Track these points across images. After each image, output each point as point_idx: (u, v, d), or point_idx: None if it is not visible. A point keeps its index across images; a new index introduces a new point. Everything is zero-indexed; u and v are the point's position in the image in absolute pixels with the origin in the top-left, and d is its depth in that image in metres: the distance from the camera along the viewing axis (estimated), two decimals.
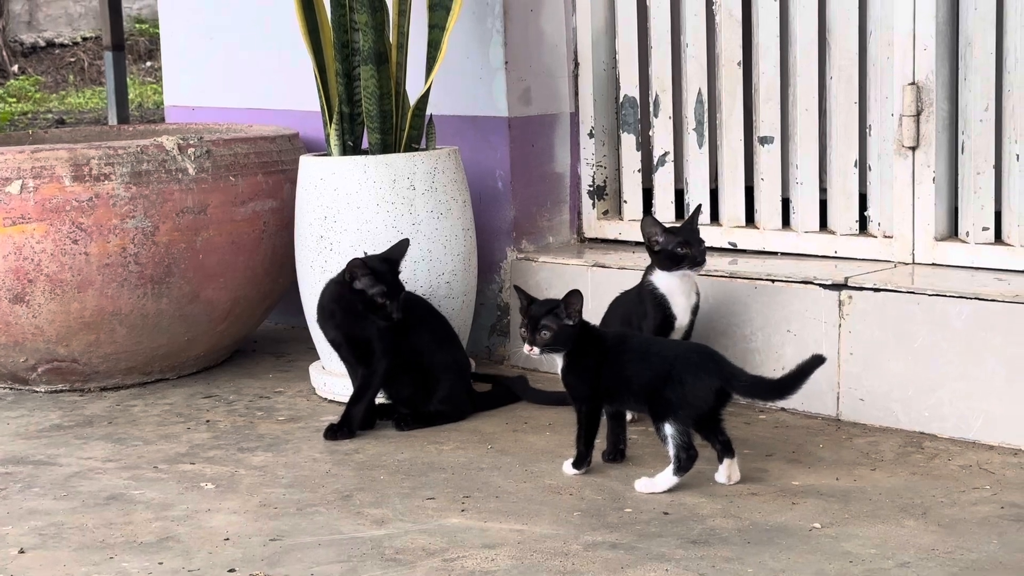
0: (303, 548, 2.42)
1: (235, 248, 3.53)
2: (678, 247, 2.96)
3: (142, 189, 3.38)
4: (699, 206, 3.13)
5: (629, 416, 3.12)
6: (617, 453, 2.84)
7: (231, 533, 2.51)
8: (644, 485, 2.65)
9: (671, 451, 2.62)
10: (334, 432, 3.06)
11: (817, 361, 2.59)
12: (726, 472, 2.67)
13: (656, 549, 2.36)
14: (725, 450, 2.68)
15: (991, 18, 3.05)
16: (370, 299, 3.01)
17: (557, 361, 2.76)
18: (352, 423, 3.06)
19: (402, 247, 3.10)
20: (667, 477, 2.64)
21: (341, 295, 3.06)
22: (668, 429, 2.61)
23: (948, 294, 2.93)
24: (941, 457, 2.80)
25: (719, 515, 2.51)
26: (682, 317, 3.05)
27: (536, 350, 2.71)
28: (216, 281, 3.53)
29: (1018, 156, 3.05)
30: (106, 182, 3.34)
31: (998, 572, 2.22)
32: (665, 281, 3.02)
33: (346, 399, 3.29)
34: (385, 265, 3.05)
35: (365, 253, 3.23)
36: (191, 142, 3.46)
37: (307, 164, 3.36)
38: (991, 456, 2.80)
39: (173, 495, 2.73)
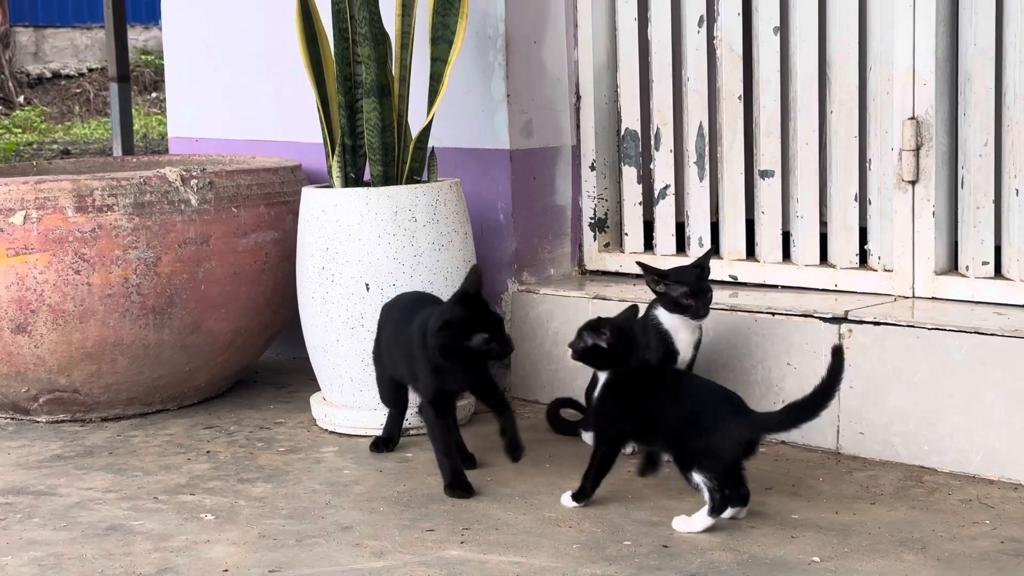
0: None
1: (237, 279, 3.54)
2: (683, 297, 2.98)
3: (145, 220, 3.39)
4: (710, 250, 3.11)
5: (629, 449, 3.12)
6: (649, 466, 2.80)
7: (230, 564, 2.50)
8: (682, 524, 2.62)
9: (705, 494, 2.59)
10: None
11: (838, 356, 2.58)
12: (732, 513, 2.65)
13: None
14: (741, 500, 2.66)
15: (990, 53, 3.07)
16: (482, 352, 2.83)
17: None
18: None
19: (476, 276, 2.87)
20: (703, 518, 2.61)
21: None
22: (696, 477, 2.59)
23: (948, 328, 2.93)
24: (941, 491, 2.80)
25: (718, 548, 2.51)
26: (684, 352, 3.06)
27: (570, 352, 2.78)
28: (218, 312, 3.54)
29: (1018, 191, 3.06)
30: (109, 213, 3.36)
31: None
32: (668, 316, 3.02)
33: (347, 431, 3.35)
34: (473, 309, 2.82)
35: (367, 286, 3.24)
36: (194, 173, 3.48)
37: (309, 196, 3.37)
38: (991, 490, 2.80)
39: (172, 526, 2.73)
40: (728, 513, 2.65)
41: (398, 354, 3.04)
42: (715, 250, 3.56)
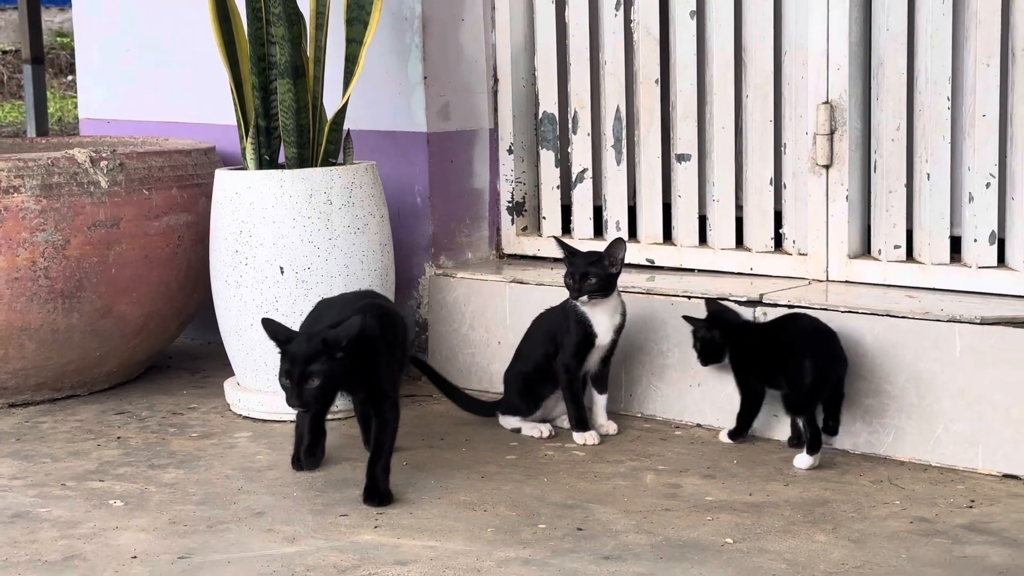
0: (212, 566, 2.38)
1: (149, 262, 3.49)
2: (567, 276, 3.03)
3: (53, 202, 3.32)
4: (617, 239, 3.09)
5: (546, 433, 3.12)
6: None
7: (139, 551, 2.46)
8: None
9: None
10: None
11: None
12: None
13: (569, 565, 2.35)
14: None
15: (903, 39, 3.10)
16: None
17: None
18: None
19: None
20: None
21: None
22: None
23: (860, 311, 2.96)
24: (852, 472, 2.83)
25: (632, 531, 2.51)
26: (603, 337, 3.07)
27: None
28: (129, 296, 3.48)
29: (929, 175, 3.09)
30: (15, 195, 3.28)
31: None
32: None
33: (262, 416, 3.32)
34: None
35: (281, 269, 3.21)
36: (104, 155, 3.41)
37: (223, 178, 3.32)
38: (901, 471, 2.83)
39: (80, 513, 2.68)
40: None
41: None
42: (632, 234, 3.56)
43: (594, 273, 3.00)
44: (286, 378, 2.62)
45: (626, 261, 3.10)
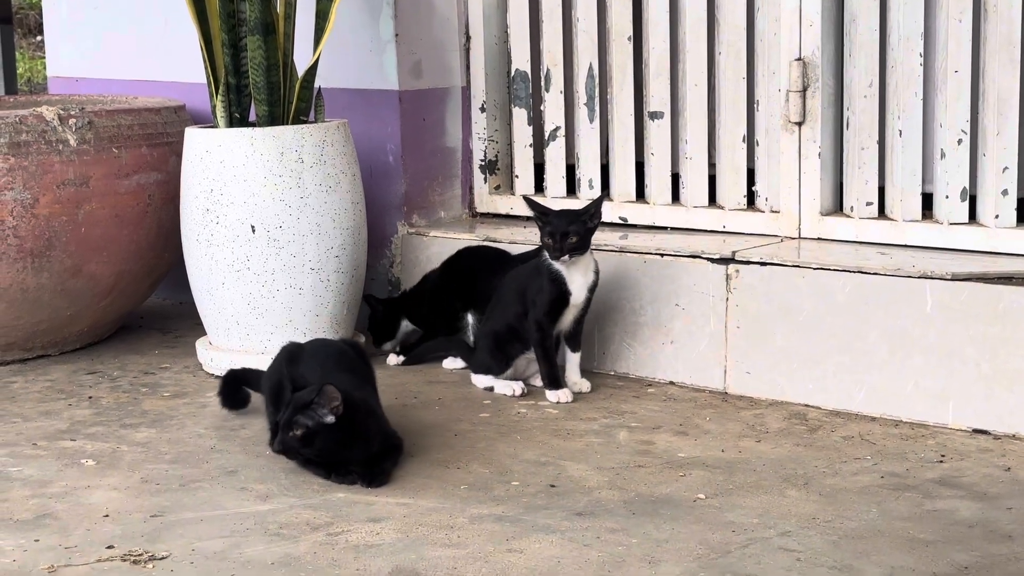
0: (185, 524, 2.38)
1: (119, 221, 3.46)
2: (546, 235, 3.01)
3: (21, 160, 3.29)
4: (600, 196, 3.10)
5: (519, 391, 3.12)
6: None
7: (111, 510, 2.46)
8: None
9: None
10: None
11: None
12: None
13: (542, 521, 2.35)
14: None
15: None
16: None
17: None
18: None
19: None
20: None
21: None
22: None
23: (832, 268, 2.96)
24: (824, 429, 2.84)
25: (605, 487, 2.52)
26: (578, 294, 3.06)
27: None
28: (99, 255, 3.45)
29: (901, 132, 3.09)
30: None
31: (876, 540, 2.25)
32: None
33: None
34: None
35: (253, 228, 3.19)
36: (72, 113, 3.38)
37: (193, 136, 3.29)
38: (872, 427, 2.84)
39: (52, 472, 2.67)
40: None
41: None
42: (605, 192, 3.56)
43: (574, 231, 2.99)
44: None
45: (600, 221, 3.09)
